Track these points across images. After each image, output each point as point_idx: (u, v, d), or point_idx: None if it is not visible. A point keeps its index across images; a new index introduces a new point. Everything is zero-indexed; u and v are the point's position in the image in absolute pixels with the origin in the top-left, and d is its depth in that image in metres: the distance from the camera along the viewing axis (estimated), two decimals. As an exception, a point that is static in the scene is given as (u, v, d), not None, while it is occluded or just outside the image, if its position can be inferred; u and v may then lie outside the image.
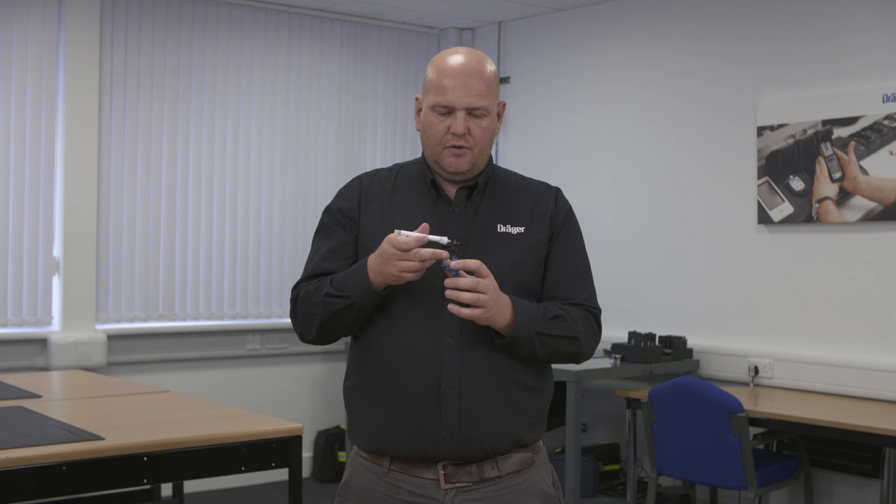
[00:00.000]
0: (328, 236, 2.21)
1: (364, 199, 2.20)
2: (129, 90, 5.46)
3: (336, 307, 2.08)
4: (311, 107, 6.10)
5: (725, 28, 5.25)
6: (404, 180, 2.22)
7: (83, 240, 5.30)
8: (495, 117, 2.18)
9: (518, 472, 2.15)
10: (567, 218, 2.26)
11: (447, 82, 2.11)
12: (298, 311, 2.17)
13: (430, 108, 2.14)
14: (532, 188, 2.27)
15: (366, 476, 2.17)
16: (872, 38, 4.67)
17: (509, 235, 2.17)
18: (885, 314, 4.60)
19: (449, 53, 2.16)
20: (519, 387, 2.14)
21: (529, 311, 2.09)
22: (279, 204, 5.97)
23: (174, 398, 3.58)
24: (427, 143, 2.17)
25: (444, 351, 2.09)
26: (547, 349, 2.12)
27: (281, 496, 3.71)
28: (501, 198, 2.21)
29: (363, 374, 2.17)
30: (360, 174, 2.28)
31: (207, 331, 5.73)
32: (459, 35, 6.57)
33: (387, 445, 2.12)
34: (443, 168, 2.16)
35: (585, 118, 5.93)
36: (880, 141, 4.58)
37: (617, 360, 5.06)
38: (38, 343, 5.22)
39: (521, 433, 2.15)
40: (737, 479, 4.17)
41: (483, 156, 2.17)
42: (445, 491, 2.11)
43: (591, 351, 2.21)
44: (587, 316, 2.19)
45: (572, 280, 2.21)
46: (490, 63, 2.18)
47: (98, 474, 2.61)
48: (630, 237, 5.64)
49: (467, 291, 1.99)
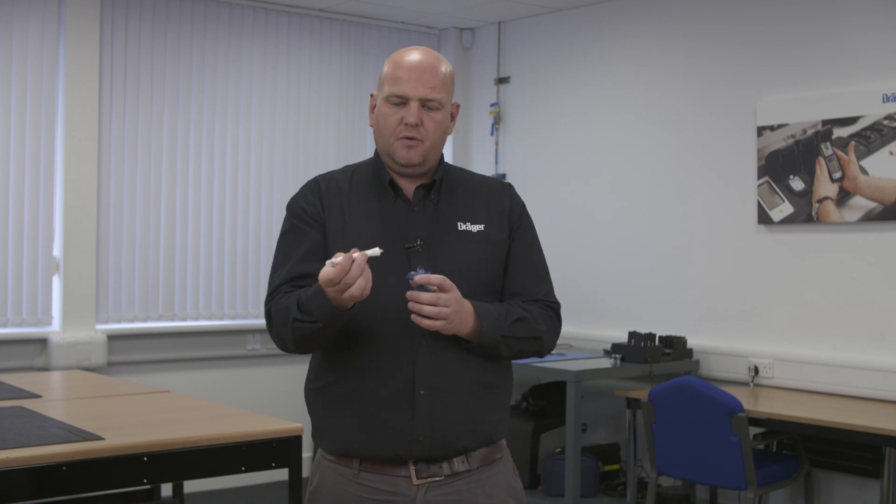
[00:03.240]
0: (299, 238, 2.16)
1: (325, 200, 2.18)
2: (129, 90, 5.46)
3: (306, 331, 2.03)
4: (311, 107, 6.10)
5: (725, 28, 5.25)
6: (360, 181, 2.21)
7: (83, 240, 5.30)
8: (448, 115, 2.19)
9: (487, 466, 2.18)
10: (523, 215, 2.28)
11: (402, 74, 2.13)
12: (273, 328, 2.13)
13: (384, 100, 2.15)
14: (485, 185, 2.28)
15: (335, 479, 2.16)
16: (872, 38, 4.67)
17: (470, 233, 2.18)
18: (885, 314, 4.60)
19: (406, 51, 2.19)
20: (486, 386, 2.16)
21: (493, 317, 2.10)
22: (279, 204, 5.96)
23: (174, 398, 3.58)
24: (380, 135, 2.18)
25: (417, 351, 2.09)
26: (511, 350, 2.16)
27: (281, 496, 3.71)
28: (457, 195, 2.22)
29: (333, 377, 2.15)
30: (316, 176, 2.25)
31: (207, 331, 5.73)
32: (459, 35, 6.57)
33: (357, 447, 2.12)
34: (395, 161, 2.15)
35: (585, 118, 5.92)
36: (880, 141, 4.58)
37: (617, 360, 5.06)
38: (38, 343, 5.22)
39: (491, 430, 2.18)
40: (737, 479, 4.17)
41: (435, 150, 2.17)
42: (417, 487, 2.11)
43: (552, 346, 2.27)
44: (547, 312, 2.23)
45: (532, 277, 2.25)
46: (446, 64, 2.20)
47: (98, 474, 2.61)
48: (630, 237, 5.64)
49: (429, 306, 2.00)
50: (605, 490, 5.41)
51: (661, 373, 5.03)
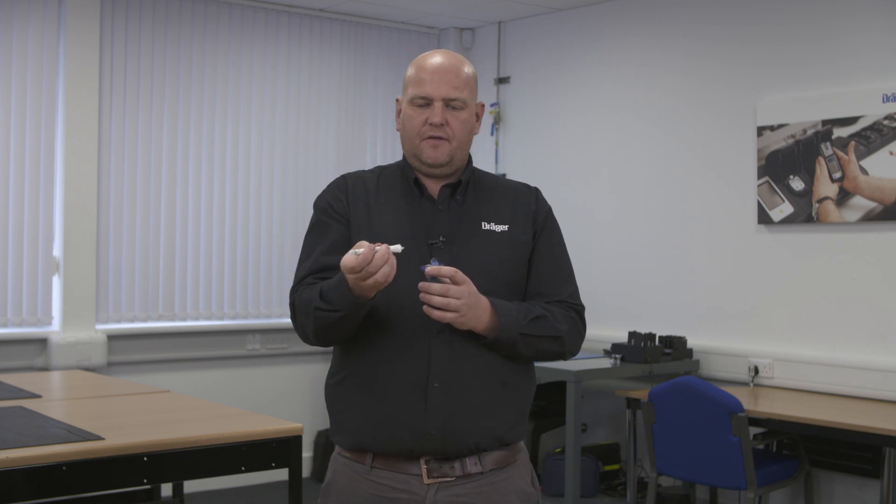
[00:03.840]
0: (324, 232, 2.21)
1: (351, 197, 2.22)
2: (129, 90, 5.46)
3: (328, 320, 2.06)
4: (311, 107, 6.10)
5: (725, 28, 5.25)
6: (387, 180, 2.24)
7: (83, 240, 5.30)
8: (473, 115, 2.21)
9: (500, 470, 2.17)
10: (548, 217, 2.30)
11: (425, 76, 2.16)
12: (296, 318, 2.17)
13: (408, 103, 2.18)
14: (512, 188, 2.30)
15: (348, 475, 2.18)
16: (872, 38, 4.67)
17: (493, 233, 2.19)
18: (885, 314, 4.60)
19: (428, 54, 2.23)
20: (503, 384, 2.16)
21: (511, 313, 2.11)
22: (279, 204, 5.97)
23: (174, 398, 3.58)
24: (406, 137, 2.20)
25: (433, 345, 2.10)
26: (530, 349, 2.15)
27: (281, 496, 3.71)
28: (483, 196, 2.24)
29: (349, 370, 2.17)
30: (344, 174, 2.30)
31: (207, 331, 5.73)
32: (459, 35, 6.57)
33: (370, 441, 2.13)
34: (422, 161, 2.18)
35: (585, 118, 5.93)
36: (880, 141, 4.58)
37: (617, 360, 5.06)
38: (38, 343, 5.22)
39: (504, 431, 2.16)
40: (737, 479, 4.17)
41: (461, 150, 2.19)
42: (428, 486, 2.11)
43: (576, 348, 2.24)
44: (570, 314, 2.22)
45: (555, 278, 2.25)
46: (469, 65, 2.22)
47: (98, 474, 2.61)
48: (630, 237, 5.64)
49: (439, 297, 2.01)
50: (605, 490, 5.41)
51: (661, 373, 5.03)
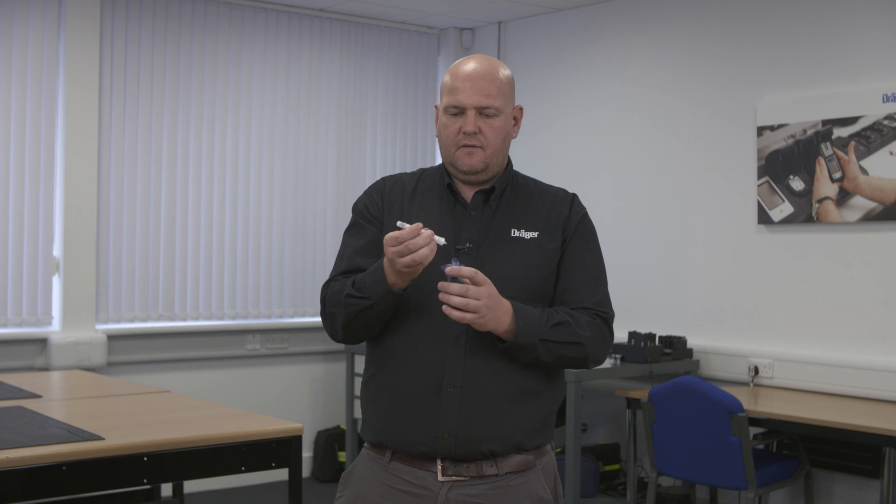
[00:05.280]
0: (358, 233, 2.26)
1: (387, 199, 2.25)
2: (129, 90, 5.46)
3: (357, 308, 2.10)
4: (311, 107, 6.10)
5: (725, 28, 5.25)
6: (426, 184, 2.28)
7: (83, 240, 5.30)
8: (510, 120, 2.22)
9: (517, 473, 2.16)
10: (581, 223, 2.28)
11: (458, 84, 2.18)
12: (326, 310, 2.21)
13: (443, 111, 2.20)
14: (549, 194, 2.31)
15: (368, 465, 2.23)
16: (872, 38, 4.67)
17: (522, 240, 2.20)
18: (885, 314, 4.60)
19: (463, 60, 2.23)
20: (523, 391, 2.15)
21: (532, 318, 2.09)
22: (279, 204, 5.97)
23: (174, 398, 3.58)
24: (442, 145, 2.23)
25: (449, 350, 2.12)
26: (551, 355, 2.12)
27: (281, 496, 3.72)
28: (518, 203, 2.25)
29: (375, 369, 2.22)
30: (385, 176, 2.33)
31: (207, 331, 5.73)
32: (459, 35, 6.57)
33: (388, 438, 2.17)
34: (457, 169, 2.20)
35: (585, 118, 5.93)
36: (880, 141, 4.58)
37: (617, 360, 5.06)
38: (38, 343, 5.22)
39: (522, 438, 2.15)
40: (737, 479, 4.17)
41: (497, 157, 2.20)
42: (442, 483, 2.13)
43: (600, 356, 2.20)
44: (595, 321, 2.18)
45: (582, 284, 2.22)
46: (504, 68, 2.23)
47: (98, 474, 2.61)
48: (630, 237, 5.64)
49: (458, 296, 2.01)
50: (605, 490, 5.41)
51: (661, 373, 5.03)
